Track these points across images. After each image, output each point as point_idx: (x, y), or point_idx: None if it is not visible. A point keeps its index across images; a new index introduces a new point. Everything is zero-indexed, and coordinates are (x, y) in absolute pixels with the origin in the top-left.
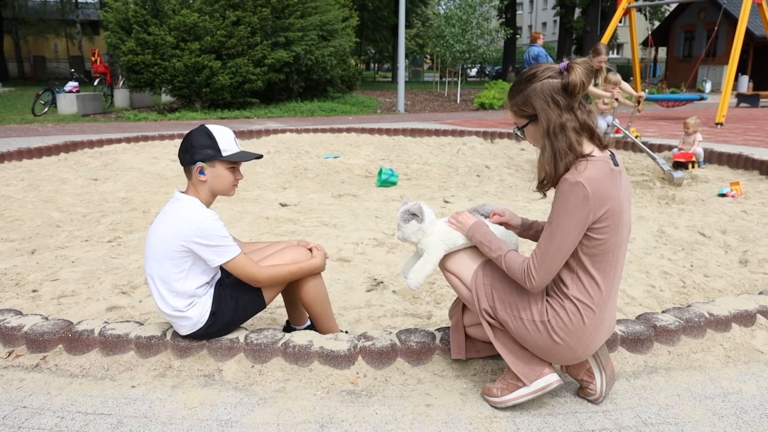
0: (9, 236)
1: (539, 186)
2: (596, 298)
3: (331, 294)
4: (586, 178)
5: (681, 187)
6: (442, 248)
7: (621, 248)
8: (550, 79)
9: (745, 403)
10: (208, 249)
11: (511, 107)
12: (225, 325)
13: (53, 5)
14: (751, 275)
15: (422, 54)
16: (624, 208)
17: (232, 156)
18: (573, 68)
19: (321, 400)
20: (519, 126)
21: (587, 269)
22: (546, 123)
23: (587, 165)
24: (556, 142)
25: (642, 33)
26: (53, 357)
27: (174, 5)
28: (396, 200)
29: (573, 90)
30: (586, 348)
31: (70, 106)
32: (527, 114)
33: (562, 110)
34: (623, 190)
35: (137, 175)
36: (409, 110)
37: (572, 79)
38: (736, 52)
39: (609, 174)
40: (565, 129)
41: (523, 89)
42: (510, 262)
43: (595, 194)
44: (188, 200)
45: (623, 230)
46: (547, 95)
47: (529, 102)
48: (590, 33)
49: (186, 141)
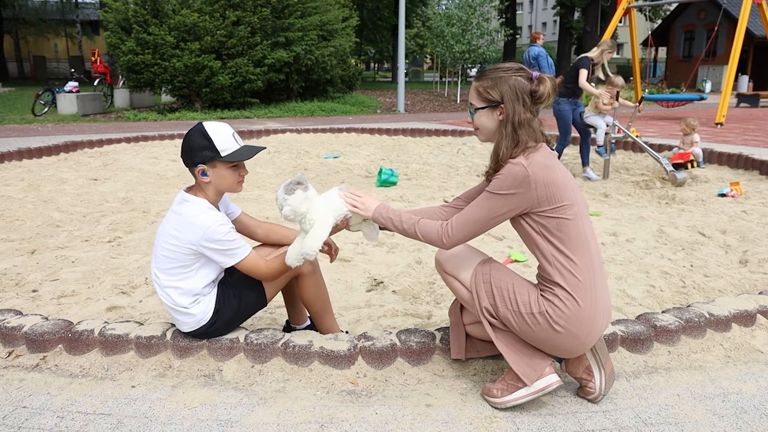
0: (9, 236)
1: (492, 171)
2: (580, 275)
3: (331, 294)
4: (528, 161)
5: (681, 187)
6: (332, 217)
7: (583, 223)
8: (522, 79)
9: (745, 403)
10: (218, 253)
11: (476, 87)
12: (227, 323)
13: (53, 5)
14: (751, 275)
15: (422, 54)
16: (567, 181)
17: (230, 156)
18: (544, 80)
19: (321, 400)
20: (476, 107)
21: (562, 251)
22: (511, 113)
23: (528, 152)
24: (520, 131)
25: (642, 33)
26: (53, 357)
27: (174, 5)
28: (396, 200)
29: (540, 98)
30: (588, 334)
31: (70, 106)
32: (490, 98)
33: (526, 109)
34: (561, 169)
35: (137, 175)
36: (409, 110)
37: (542, 89)
38: (736, 52)
39: (548, 156)
40: (531, 124)
41: (494, 76)
42: (424, 227)
43: (532, 169)
44: (196, 203)
45: (577, 204)
46: (518, 90)
47: (497, 88)
48: (590, 33)
49: (185, 143)
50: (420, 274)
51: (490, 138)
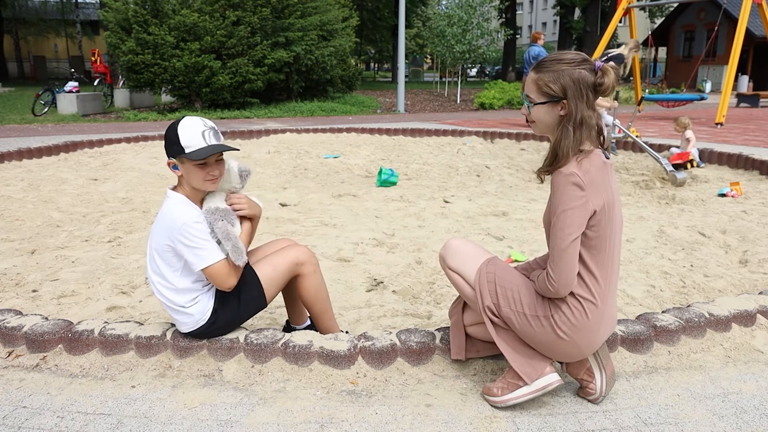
0: (9, 236)
1: (547, 169)
2: (597, 293)
3: (331, 294)
4: (579, 169)
5: (681, 187)
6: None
7: (616, 241)
8: (585, 72)
9: (745, 403)
10: (188, 249)
11: (535, 80)
12: (226, 323)
13: (53, 5)
14: (751, 275)
15: (422, 54)
16: (615, 201)
17: (192, 154)
18: (608, 72)
19: (321, 400)
20: (534, 102)
21: (586, 264)
22: (574, 110)
23: (581, 157)
24: (579, 130)
25: (642, 33)
26: (53, 357)
27: (174, 5)
28: (396, 200)
29: (604, 91)
30: (590, 344)
31: (70, 106)
32: (551, 93)
33: (587, 105)
34: (614, 184)
35: (137, 175)
36: (409, 110)
37: (606, 82)
38: (736, 52)
39: (601, 166)
40: (590, 122)
41: (556, 69)
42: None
43: (588, 183)
44: (174, 197)
45: (616, 223)
46: (581, 84)
47: (559, 83)
48: (590, 33)
49: (165, 135)
50: (420, 274)
51: (547, 133)
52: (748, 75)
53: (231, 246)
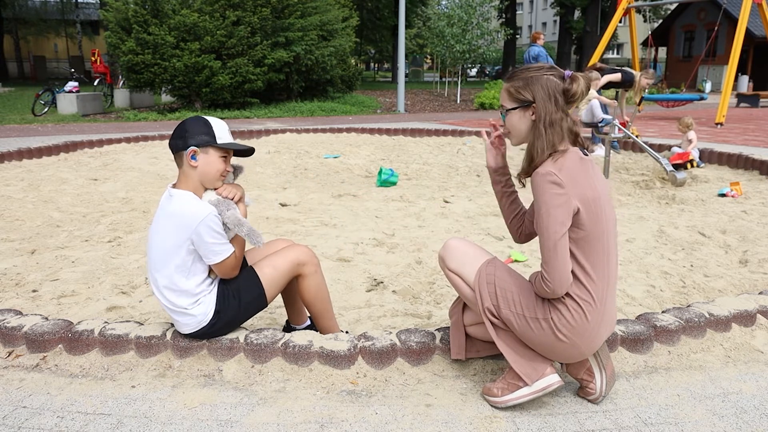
0: (9, 236)
1: (525, 171)
2: (594, 292)
3: (331, 294)
4: (555, 167)
5: (681, 187)
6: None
7: (610, 240)
8: (554, 78)
9: (745, 403)
10: (206, 246)
11: (507, 88)
12: (227, 324)
13: (53, 5)
14: (751, 275)
15: (422, 54)
16: (601, 197)
17: (226, 144)
18: (577, 79)
19: (321, 400)
20: (507, 108)
21: (580, 263)
22: (543, 113)
23: (557, 156)
24: (551, 131)
25: (642, 33)
26: (53, 357)
27: (174, 5)
28: (396, 200)
29: (572, 96)
30: (590, 345)
31: (70, 106)
32: (522, 99)
33: (558, 109)
34: (597, 180)
35: (137, 175)
36: (409, 110)
37: (575, 88)
38: (736, 52)
39: (579, 162)
40: (561, 124)
41: (526, 76)
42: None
43: (567, 180)
44: (185, 195)
45: (606, 219)
46: (550, 90)
47: (529, 88)
48: (590, 33)
49: (180, 127)
50: (420, 274)
51: (522, 140)
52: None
53: (246, 230)
